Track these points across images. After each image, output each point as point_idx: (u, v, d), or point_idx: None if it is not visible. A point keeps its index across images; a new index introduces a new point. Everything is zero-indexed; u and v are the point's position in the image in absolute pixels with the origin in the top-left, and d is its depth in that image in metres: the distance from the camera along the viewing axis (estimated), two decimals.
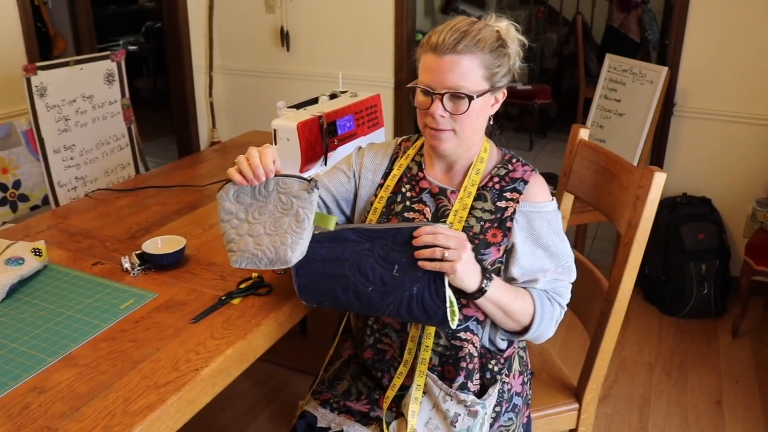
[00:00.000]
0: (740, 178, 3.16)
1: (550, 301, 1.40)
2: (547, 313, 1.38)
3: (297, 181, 1.31)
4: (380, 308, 1.29)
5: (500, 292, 1.32)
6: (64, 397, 1.15)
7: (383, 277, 1.28)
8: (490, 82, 1.36)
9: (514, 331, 1.40)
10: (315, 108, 1.90)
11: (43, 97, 2.56)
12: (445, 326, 1.30)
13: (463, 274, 1.25)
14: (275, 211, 1.32)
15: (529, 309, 1.37)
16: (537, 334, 1.39)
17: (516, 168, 1.43)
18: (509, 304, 1.34)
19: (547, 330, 1.40)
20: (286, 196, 1.31)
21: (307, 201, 1.30)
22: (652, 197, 1.52)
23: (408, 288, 1.26)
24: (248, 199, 1.33)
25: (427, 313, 1.27)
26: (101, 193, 2.13)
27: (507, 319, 1.36)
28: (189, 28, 4.00)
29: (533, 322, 1.37)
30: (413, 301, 1.26)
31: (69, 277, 1.55)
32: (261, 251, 1.30)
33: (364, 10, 3.66)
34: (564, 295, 1.43)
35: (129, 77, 2.94)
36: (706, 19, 3.03)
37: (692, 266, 3.07)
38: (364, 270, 1.29)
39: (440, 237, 1.24)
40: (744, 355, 2.86)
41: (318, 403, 1.54)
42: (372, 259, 1.29)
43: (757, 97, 3.04)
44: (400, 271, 1.27)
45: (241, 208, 1.33)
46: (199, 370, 1.22)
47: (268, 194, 1.32)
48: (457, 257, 1.23)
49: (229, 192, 1.33)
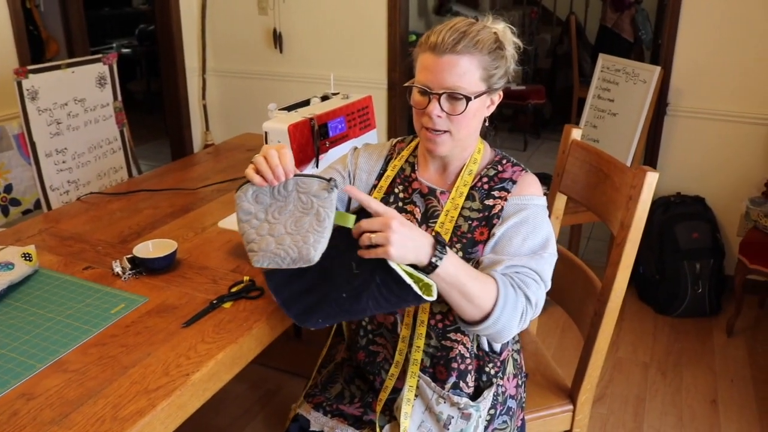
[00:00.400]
0: (734, 176, 3.17)
1: (514, 288, 1.28)
2: (511, 299, 1.26)
3: (317, 181, 1.31)
4: (363, 308, 1.26)
5: (456, 268, 1.23)
6: (53, 403, 1.14)
7: (347, 279, 1.26)
8: (488, 84, 1.35)
9: (474, 320, 1.28)
10: (306, 110, 1.89)
11: (34, 101, 2.54)
12: (424, 302, 1.23)
13: (399, 252, 1.18)
14: (295, 211, 1.31)
15: (491, 292, 1.25)
16: (500, 325, 1.26)
17: (506, 169, 1.42)
18: (467, 284, 1.23)
19: (511, 321, 1.27)
20: (306, 195, 1.31)
21: (327, 200, 1.30)
22: (644, 197, 1.51)
23: (372, 279, 1.23)
24: (267, 199, 1.32)
25: (400, 296, 1.22)
26: (93, 196, 2.12)
27: (464, 302, 1.25)
28: (182, 30, 4.00)
29: (495, 307, 1.25)
30: (382, 289, 1.23)
31: (59, 282, 1.54)
32: (283, 250, 1.29)
33: (357, 11, 3.66)
34: (531, 287, 1.30)
35: (122, 80, 2.93)
36: (699, 18, 3.04)
37: (686, 265, 3.07)
38: (332, 280, 1.28)
39: (363, 223, 1.20)
40: (739, 354, 2.86)
41: (311, 407, 1.53)
42: (335, 264, 1.27)
43: (750, 96, 3.04)
44: (359, 267, 1.25)
45: (261, 208, 1.32)
46: (189, 374, 1.22)
47: (288, 194, 1.32)
48: (384, 240, 1.18)
49: (247, 192, 1.32)
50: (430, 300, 1.21)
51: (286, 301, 1.32)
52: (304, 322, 1.31)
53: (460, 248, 1.36)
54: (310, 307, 1.31)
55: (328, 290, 1.28)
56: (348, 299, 1.26)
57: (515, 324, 1.28)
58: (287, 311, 1.32)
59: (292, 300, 1.32)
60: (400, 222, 1.19)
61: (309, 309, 1.31)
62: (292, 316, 1.32)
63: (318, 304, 1.30)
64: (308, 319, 1.31)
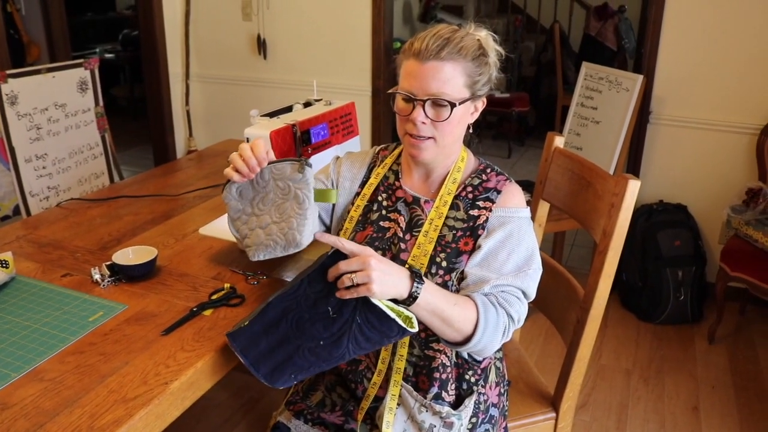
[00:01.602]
0: (715, 185, 3.19)
1: (495, 306, 1.29)
2: (492, 320, 1.27)
3: (289, 164, 1.33)
4: (342, 353, 1.23)
5: (435, 297, 1.24)
6: (28, 413, 1.11)
7: (325, 325, 1.23)
8: (472, 90, 1.35)
9: (456, 341, 1.29)
10: (289, 116, 1.88)
11: (13, 106, 2.52)
12: (407, 334, 1.24)
13: (382, 289, 1.19)
14: (276, 198, 1.34)
15: (471, 316, 1.26)
16: (481, 345, 1.28)
17: (490, 178, 1.42)
18: (447, 311, 1.24)
19: (493, 341, 1.29)
20: (282, 181, 1.34)
21: (302, 182, 1.31)
22: (626, 205, 1.52)
23: (352, 321, 1.22)
24: (250, 192, 1.35)
25: (382, 332, 1.22)
26: (73, 203, 2.09)
27: (446, 327, 1.26)
28: (165, 35, 3.98)
29: (476, 330, 1.26)
30: (364, 328, 1.22)
31: (37, 290, 1.52)
32: (272, 240, 1.31)
33: (341, 18, 3.66)
34: (514, 305, 1.31)
35: (106, 85, 2.91)
36: (681, 28, 3.06)
37: (669, 272, 3.09)
38: (306, 331, 1.24)
39: (341, 265, 1.20)
40: (720, 360, 2.88)
41: (292, 414, 1.52)
42: (306, 315, 1.24)
43: (731, 104, 3.07)
44: (335, 311, 1.23)
45: (246, 203, 1.35)
46: (168, 383, 1.20)
47: (266, 183, 1.34)
48: (366, 278, 1.17)
49: (231, 190, 1.34)
50: (413, 332, 1.22)
51: (253, 363, 1.26)
52: (275, 382, 1.25)
53: (444, 258, 1.35)
54: (281, 364, 1.25)
55: (302, 342, 1.24)
56: (326, 346, 1.23)
57: (497, 341, 1.30)
58: (255, 372, 1.26)
59: (261, 360, 1.26)
60: (377, 259, 1.20)
61: (279, 366, 1.25)
62: (261, 376, 1.25)
63: (290, 358, 1.25)
64: (279, 377, 1.25)
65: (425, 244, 1.37)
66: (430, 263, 1.35)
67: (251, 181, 1.33)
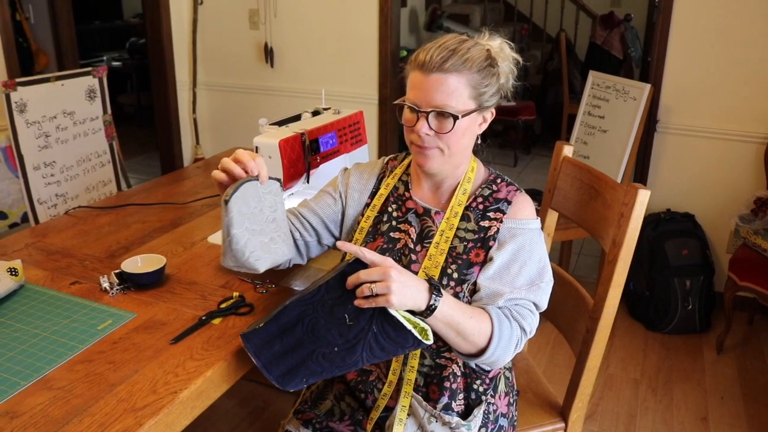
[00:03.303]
0: (723, 194, 3.18)
1: (509, 319, 1.30)
2: (506, 334, 1.28)
3: (272, 181, 1.40)
4: (355, 360, 1.24)
5: (452, 309, 1.24)
6: (38, 422, 1.11)
7: (341, 332, 1.24)
8: (477, 102, 1.34)
9: (469, 353, 1.30)
10: (297, 125, 1.88)
11: (23, 113, 2.53)
12: (422, 346, 1.25)
13: (401, 301, 1.19)
14: (268, 213, 1.39)
15: (485, 329, 1.27)
16: (494, 357, 1.28)
17: (500, 188, 1.42)
18: (462, 323, 1.25)
19: (506, 354, 1.29)
20: (271, 196, 1.38)
21: (280, 199, 1.42)
22: (636, 214, 1.51)
23: (368, 329, 1.22)
24: (248, 207, 1.34)
25: (397, 343, 1.22)
26: (81, 210, 2.10)
27: (460, 340, 1.27)
28: (173, 44, 3.99)
29: (490, 343, 1.27)
30: (379, 338, 1.22)
31: (46, 297, 1.52)
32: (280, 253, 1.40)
33: (348, 26, 3.66)
34: (527, 318, 1.32)
35: (113, 93, 2.92)
36: (688, 36, 3.06)
37: (676, 282, 3.08)
38: (321, 337, 1.24)
39: (361, 275, 1.20)
40: (729, 371, 2.86)
41: (300, 423, 1.51)
42: (322, 321, 1.25)
43: (739, 113, 3.06)
44: (352, 318, 1.23)
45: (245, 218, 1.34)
46: (177, 392, 1.20)
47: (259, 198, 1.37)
48: (386, 290, 1.18)
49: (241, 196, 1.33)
50: (428, 344, 1.22)
51: (266, 365, 1.26)
52: (287, 385, 1.26)
53: (455, 269, 1.35)
54: (294, 367, 1.26)
55: (316, 347, 1.25)
56: (340, 353, 1.24)
57: (510, 353, 1.31)
58: (268, 374, 1.26)
59: (274, 362, 1.26)
60: (398, 270, 1.21)
61: (292, 369, 1.26)
62: (273, 378, 1.26)
63: (303, 362, 1.25)
64: (291, 381, 1.26)
65: (436, 256, 1.37)
66: (441, 275, 1.35)
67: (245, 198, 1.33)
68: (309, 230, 1.52)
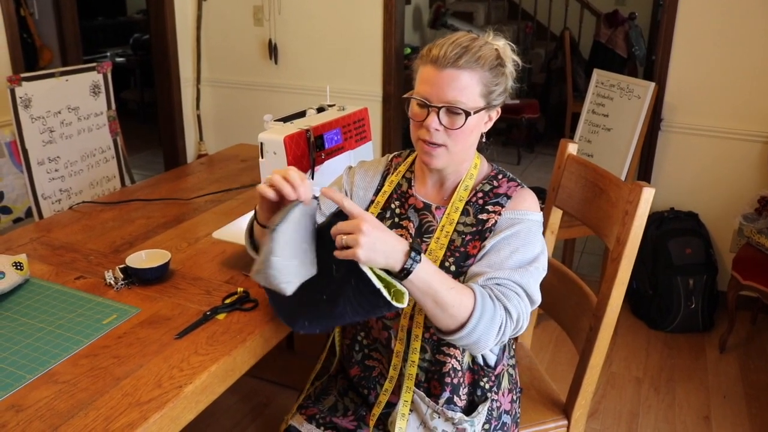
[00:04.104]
0: (727, 193, 3.18)
1: (492, 299, 1.25)
2: (488, 311, 1.23)
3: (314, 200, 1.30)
4: (340, 312, 1.22)
5: (431, 277, 1.20)
6: (43, 415, 1.12)
7: (328, 281, 1.24)
8: (487, 100, 1.35)
9: (448, 329, 1.25)
10: (302, 121, 1.88)
11: (27, 109, 2.53)
12: (394, 310, 1.19)
13: (368, 255, 1.14)
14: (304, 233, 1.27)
15: (467, 303, 1.22)
16: (475, 336, 1.23)
17: (501, 184, 1.42)
18: (441, 292, 1.20)
19: (488, 334, 1.24)
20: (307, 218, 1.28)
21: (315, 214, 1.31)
22: (640, 212, 1.51)
23: (348, 282, 1.20)
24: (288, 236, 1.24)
25: (371, 302, 1.19)
26: (85, 206, 2.10)
27: (438, 311, 1.22)
28: (177, 40, 3.99)
29: (471, 318, 1.21)
30: (357, 293, 1.19)
31: (51, 292, 1.52)
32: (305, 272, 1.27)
33: (352, 23, 3.66)
34: (512, 300, 1.27)
35: (116, 89, 2.92)
36: (693, 35, 3.06)
37: (680, 281, 3.08)
38: (312, 282, 1.25)
39: (339, 225, 1.17)
40: (731, 370, 2.86)
41: (304, 418, 1.52)
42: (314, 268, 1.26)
43: (744, 112, 3.06)
44: (337, 270, 1.22)
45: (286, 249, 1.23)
46: (182, 387, 1.20)
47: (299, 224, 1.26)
48: (353, 242, 1.14)
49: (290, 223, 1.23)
50: (400, 307, 1.18)
51: (278, 305, 1.35)
52: (293, 325, 1.32)
53: (453, 262, 1.35)
54: (296, 310, 1.29)
55: (309, 292, 1.25)
56: (326, 302, 1.24)
57: (492, 336, 1.25)
58: (278, 313, 1.35)
59: (282, 304, 1.33)
60: (372, 225, 1.16)
61: (294, 311, 1.30)
62: (283, 318, 1.33)
63: (301, 306, 1.28)
64: (296, 322, 1.31)
65: (436, 251, 1.37)
66: (440, 268, 1.35)
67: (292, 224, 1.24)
68: None
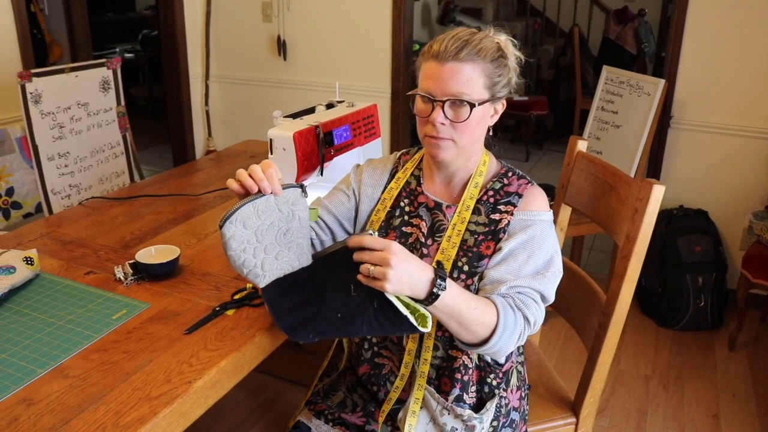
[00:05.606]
0: (737, 190, 3.16)
1: (513, 309, 1.27)
2: (510, 325, 1.26)
3: (292, 190, 1.31)
4: (356, 329, 1.24)
5: (455, 302, 1.21)
6: (54, 409, 1.12)
7: (344, 300, 1.24)
8: (491, 92, 1.35)
9: (471, 343, 1.28)
10: (311, 118, 1.88)
11: (37, 104, 2.54)
12: (419, 332, 1.21)
13: (396, 289, 1.16)
14: (280, 223, 1.31)
15: (489, 321, 1.24)
16: (497, 348, 1.26)
17: (511, 182, 1.42)
18: (465, 314, 1.22)
19: (508, 344, 1.27)
20: (285, 206, 1.31)
21: (302, 203, 1.34)
22: (650, 210, 1.50)
23: (369, 303, 1.22)
24: (254, 221, 1.28)
25: (394, 324, 1.21)
26: (95, 201, 2.11)
27: (462, 330, 1.24)
28: (186, 36, 4.00)
29: (494, 334, 1.24)
30: (378, 315, 1.21)
31: (61, 287, 1.53)
32: (288, 264, 1.33)
33: (361, 20, 3.66)
34: (530, 308, 1.30)
35: (125, 85, 2.93)
36: (704, 32, 3.04)
37: (689, 278, 3.07)
38: (327, 301, 1.26)
39: (365, 255, 1.18)
40: (740, 368, 2.85)
41: (312, 414, 1.52)
42: (330, 286, 1.27)
43: (754, 110, 3.04)
44: (357, 290, 1.23)
45: (251, 233, 1.28)
46: (192, 382, 1.20)
47: (269, 209, 1.30)
48: (382, 275, 1.15)
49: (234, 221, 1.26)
50: (424, 331, 1.20)
51: (279, 314, 1.31)
52: (295, 336, 1.30)
53: (466, 262, 1.35)
54: (302, 322, 1.29)
55: (322, 309, 1.27)
56: (342, 320, 1.25)
57: (512, 344, 1.29)
58: (279, 323, 1.31)
59: (286, 313, 1.30)
60: (399, 258, 1.16)
61: (301, 323, 1.29)
62: (284, 328, 1.30)
63: (310, 319, 1.28)
64: (299, 333, 1.29)
65: (448, 249, 1.37)
66: (452, 268, 1.35)
67: (255, 210, 1.29)
68: (324, 229, 1.52)
